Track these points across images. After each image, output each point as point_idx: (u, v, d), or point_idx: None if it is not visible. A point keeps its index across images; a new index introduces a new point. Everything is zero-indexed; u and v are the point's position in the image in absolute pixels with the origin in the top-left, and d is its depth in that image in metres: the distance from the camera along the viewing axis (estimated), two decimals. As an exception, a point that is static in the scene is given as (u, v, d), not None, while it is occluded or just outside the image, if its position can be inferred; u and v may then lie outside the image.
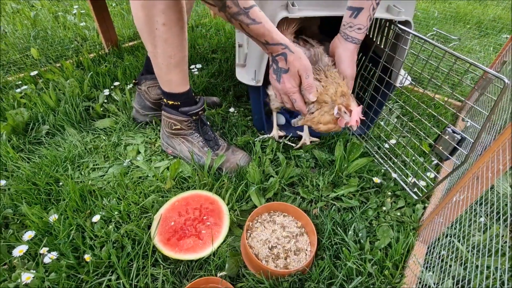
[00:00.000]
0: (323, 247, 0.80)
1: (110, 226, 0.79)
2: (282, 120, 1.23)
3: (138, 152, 1.06)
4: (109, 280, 0.68)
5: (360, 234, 0.83)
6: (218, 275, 0.71)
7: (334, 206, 0.91)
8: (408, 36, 0.90)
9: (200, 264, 0.76)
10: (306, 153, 1.07)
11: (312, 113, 0.85)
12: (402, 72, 0.99)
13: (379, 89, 1.02)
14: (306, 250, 0.80)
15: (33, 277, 0.65)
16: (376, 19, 1.14)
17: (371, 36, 1.22)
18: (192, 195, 0.89)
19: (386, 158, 1.05)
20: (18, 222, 0.80)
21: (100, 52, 1.57)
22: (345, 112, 0.81)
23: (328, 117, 0.84)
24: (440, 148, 0.81)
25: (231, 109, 1.25)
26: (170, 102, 0.96)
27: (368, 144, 1.11)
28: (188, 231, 0.80)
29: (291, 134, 1.11)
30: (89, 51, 1.59)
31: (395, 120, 1.19)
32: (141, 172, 0.98)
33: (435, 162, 1.01)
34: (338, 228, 0.83)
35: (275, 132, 1.12)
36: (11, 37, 1.61)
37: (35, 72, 1.35)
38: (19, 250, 0.71)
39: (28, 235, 0.74)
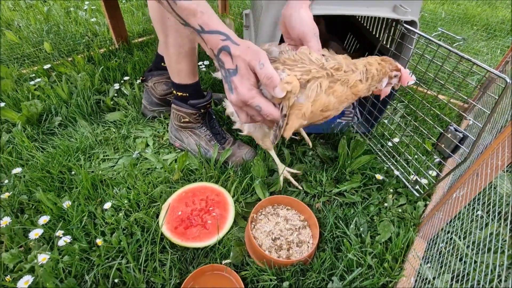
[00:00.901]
0: (324, 239, 0.82)
1: (120, 214, 0.82)
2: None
3: (147, 145, 1.09)
4: (119, 264, 0.71)
5: (361, 229, 0.85)
6: (223, 262, 0.74)
7: (336, 201, 0.93)
8: (413, 36, 0.91)
9: (205, 252, 0.79)
10: (311, 150, 1.09)
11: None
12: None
13: (384, 88, 1.04)
14: (308, 242, 0.83)
15: (49, 259, 0.69)
16: (383, 18, 1.16)
17: (377, 36, 1.24)
18: (198, 186, 0.92)
19: (389, 156, 1.06)
20: (33, 207, 0.84)
21: (110, 48, 1.61)
22: (395, 75, 0.71)
23: (370, 88, 0.70)
24: (443, 146, 0.82)
25: (238, 105, 1.28)
26: (179, 94, 0.99)
27: (371, 142, 1.13)
28: (194, 221, 0.83)
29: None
30: (99, 46, 1.62)
31: (399, 119, 1.21)
32: (149, 164, 1.01)
33: (438, 160, 1.02)
34: (340, 222, 0.85)
35: (282, 169, 0.92)
36: (25, 31, 1.66)
37: (48, 66, 1.39)
38: (35, 234, 0.74)
39: (43, 219, 0.77)
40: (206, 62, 1.56)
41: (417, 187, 0.96)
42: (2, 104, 1.14)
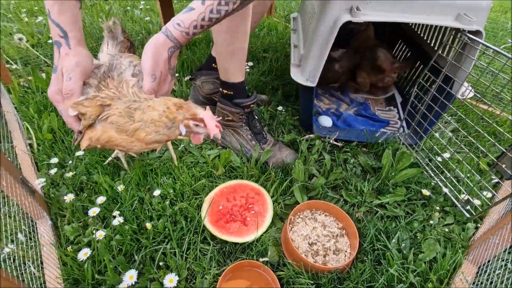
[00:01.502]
0: (364, 250, 0.80)
1: (166, 202, 0.87)
2: (329, 122, 1.24)
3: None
4: (165, 248, 0.75)
5: (403, 244, 0.82)
6: (260, 260, 0.76)
7: (377, 213, 0.91)
8: (477, 46, 0.86)
9: (243, 248, 0.81)
10: (352, 158, 1.07)
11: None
12: (465, 84, 0.95)
13: (437, 100, 0.98)
14: (346, 251, 0.81)
15: (104, 236, 0.75)
16: (441, 27, 1.10)
17: (432, 45, 1.18)
18: (239, 184, 0.94)
19: (437, 172, 1.01)
20: (90, 188, 0.92)
21: (162, 45, 1.71)
22: (197, 125, 0.61)
23: (158, 137, 0.61)
24: (503, 166, 0.77)
25: (279, 108, 1.29)
26: (225, 91, 1.03)
27: (418, 155, 1.08)
28: (234, 216, 0.85)
29: (337, 134, 1.12)
30: (152, 44, 1.73)
31: (451, 133, 1.14)
32: (193, 158, 1.06)
33: (495, 180, 0.95)
34: (382, 234, 0.83)
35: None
36: (89, 27, 1.82)
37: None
38: (93, 211, 0.82)
39: (100, 199, 0.85)
40: (250, 63, 1.59)
41: (468, 207, 0.90)
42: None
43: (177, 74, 1.47)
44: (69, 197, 0.85)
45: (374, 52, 1.38)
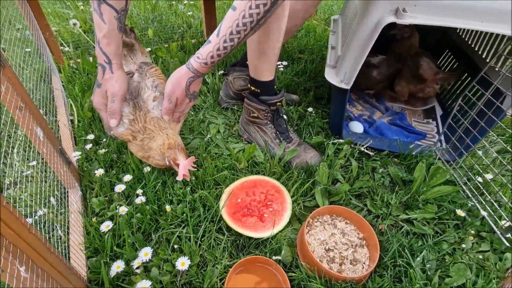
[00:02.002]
0: (384, 264, 0.75)
1: (187, 188, 0.88)
2: (360, 128, 1.19)
3: (218, 131, 1.16)
4: (181, 232, 0.77)
5: (428, 265, 0.76)
6: (273, 258, 0.74)
7: (403, 228, 0.85)
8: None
9: (257, 243, 0.80)
10: (381, 167, 1.01)
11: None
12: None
13: (484, 115, 0.90)
14: (364, 263, 0.77)
15: (126, 212, 0.79)
16: (496, 36, 1.01)
17: (483, 55, 1.09)
18: (260, 179, 0.94)
19: (476, 193, 0.92)
20: (119, 166, 0.97)
21: (200, 39, 1.76)
22: (174, 165, 0.80)
23: (160, 162, 0.84)
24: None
25: (310, 109, 1.26)
26: (252, 88, 1.03)
27: (456, 172, 0.99)
28: (252, 211, 0.85)
29: (370, 142, 1.07)
30: (191, 37, 1.79)
31: (497, 153, 1.04)
32: (218, 149, 1.07)
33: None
34: (406, 251, 0.77)
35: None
36: (135, 18, 1.93)
37: (149, 49, 1.59)
38: (119, 188, 0.86)
39: (127, 178, 0.89)
40: (285, 63, 1.58)
41: (509, 235, 0.81)
42: (110, 76, 1.34)
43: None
44: (99, 172, 0.90)
45: (417, 60, 1.30)
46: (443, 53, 1.44)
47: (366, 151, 1.06)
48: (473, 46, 1.18)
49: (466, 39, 1.25)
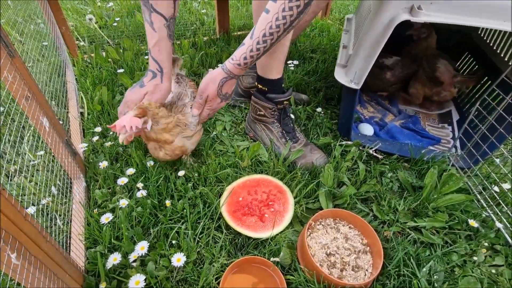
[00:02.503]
0: (387, 273, 0.72)
1: (189, 184, 0.88)
2: (370, 130, 1.15)
3: (224, 129, 1.15)
4: (179, 228, 0.76)
5: (436, 276, 0.72)
6: (271, 259, 0.72)
7: (410, 236, 0.81)
8: None
9: (256, 244, 0.78)
10: (390, 172, 0.97)
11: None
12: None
13: (503, 120, 0.85)
14: (367, 270, 0.74)
15: (127, 205, 0.79)
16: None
17: (505, 57, 1.03)
18: (263, 179, 0.92)
19: (491, 203, 0.87)
20: (124, 159, 0.97)
21: (212, 37, 1.76)
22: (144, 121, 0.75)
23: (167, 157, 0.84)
24: None
25: (318, 109, 1.24)
26: (260, 86, 1.01)
27: (470, 180, 0.94)
28: (252, 210, 0.83)
29: (379, 144, 1.03)
30: (204, 34, 1.79)
31: (516, 162, 0.98)
32: (223, 146, 1.06)
33: None
34: (411, 260, 0.74)
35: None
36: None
37: (161, 45, 1.60)
38: (121, 181, 0.86)
39: (130, 171, 0.89)
40: (296, 62, 1.56)
41: (526, 250, 0.76)
42: (121, 70, 1.36)
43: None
44: (104, 164, 0.91)
45: (433, 62, 1.25)
46: (463, 55, 1.38)
47: (374, 154, 1.02)
48: (494, 47, 1.12)
49: (488, 40, 1.18)
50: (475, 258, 0.77)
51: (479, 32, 1.26)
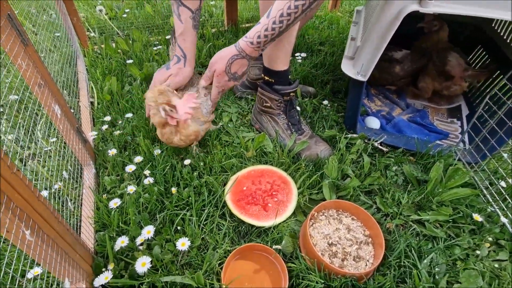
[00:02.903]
0: (388, 264, 0.73)
1: (195, 173, 0.90)
2: (376, 124, 1.15)
3: (230, 120, 1.16)
4: (185, 214, 0.78)
5: (437, 269, 0.72)
6: (273, 247, 0.74)
7: (413, 229, 0.81)
8: None
9: (259, 232, 0.80)
10: (395, 165, 0.97)
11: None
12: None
13: (513, 115, 0.83)
14: (368, 261, 0.75)
15: (134, 191, 0.81)
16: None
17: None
18: (268, 169, 0.93)
19: (497, 198, 0.86)
20: (132, 147, 1.00)
21: (220, 29, 1.76)
22: (171, 110, 0.79)
23: (157, 119, 0.82)
24: None
25: (325, 102, 1.23)
26: (266, 78, 1.02)
27: (477, 175, 0.93)
28: (256, 200, 0.85)
29: (384, 137, 1.03)
30: (212, 26, 1.79)
31: (525, 158, 0.96)
32: (228, 137, 1.07)
33: None
34: (413, 252, 0.74)
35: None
36: (159, 6, 1.96)
37: (169, 36, 1.61)
38: (129, 168, 0.89)
39: (138, 159, 0.92)
40: (303, 54, 1.55)
41: (531, 246, 0.75)
42: (130, 61, 1.38)
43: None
44: (112, 152, 0.93)
45: (444, 56, 1.23)
46: (475, 49, 1.35)
47: (380, 147, 1.02)
48: (508, 40, 1.09)
49: (501, 33, 1.15)
50: (478, 252, 0.77)
51: (493, 25, 1.22)
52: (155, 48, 1.52)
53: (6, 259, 0.65)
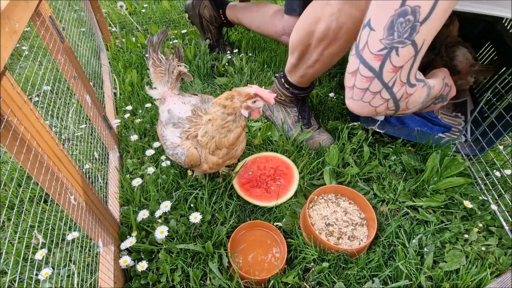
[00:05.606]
0: (379, 243, 0.80)
1: (207, 158, 0.99)
2: (381, 116, 1.20)
3: (241, 110, 1.24)
4: (197, 194, 0.88)
5: (425, 249, 0.78)
6: (275, 224, 0.82)
7: (407, 214, 0.87)
8: None
9: (263, 211, 0.89)
10: (393, 155, 1.03)
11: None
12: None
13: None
14: (361, 240, 0.82)
15: (153, 172, 0.92)
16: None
17: (525, 47, 1.02)
18: (272, 156, 1.01)
19: (491, 188, 0.91)
20: (151, 134, 1.10)
21: (233, 23, 1.83)
22: (254, 101, 0.71)
23: (234, 134, 0.76)
24: None
25: (331, 94, 1.29)
26: (286, 85, 1.05)
27: (474, 166, 0.97)
28: (260, 183, 0.93)
29: (385, 128, 1.08)
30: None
31: (523, 151, 0.99)
32: (238, 127, 1.16)
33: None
34: (403, 233, 0.81)
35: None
36: (176, 1, 2.04)
37: (184, 31, 1.70)
38: (149, 152, 0.99)
39: (156, 144, 1.02)
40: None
41: (518, 232, 0.80)
42: (149, 55, 1.47)
43: (236, 50, 1.57)
44: (134, 138, 1.04)
45: (452, 51, 1.25)
46: (485, 45, 1.35)
47: (376, 129, 1.05)
48: (515, 36, 1.10)
49: (511, 31, 1.16)
50: (466, 236, 0.82)
51: (504, 21, 1.23)
52: (171, 42, 1.62)
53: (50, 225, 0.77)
